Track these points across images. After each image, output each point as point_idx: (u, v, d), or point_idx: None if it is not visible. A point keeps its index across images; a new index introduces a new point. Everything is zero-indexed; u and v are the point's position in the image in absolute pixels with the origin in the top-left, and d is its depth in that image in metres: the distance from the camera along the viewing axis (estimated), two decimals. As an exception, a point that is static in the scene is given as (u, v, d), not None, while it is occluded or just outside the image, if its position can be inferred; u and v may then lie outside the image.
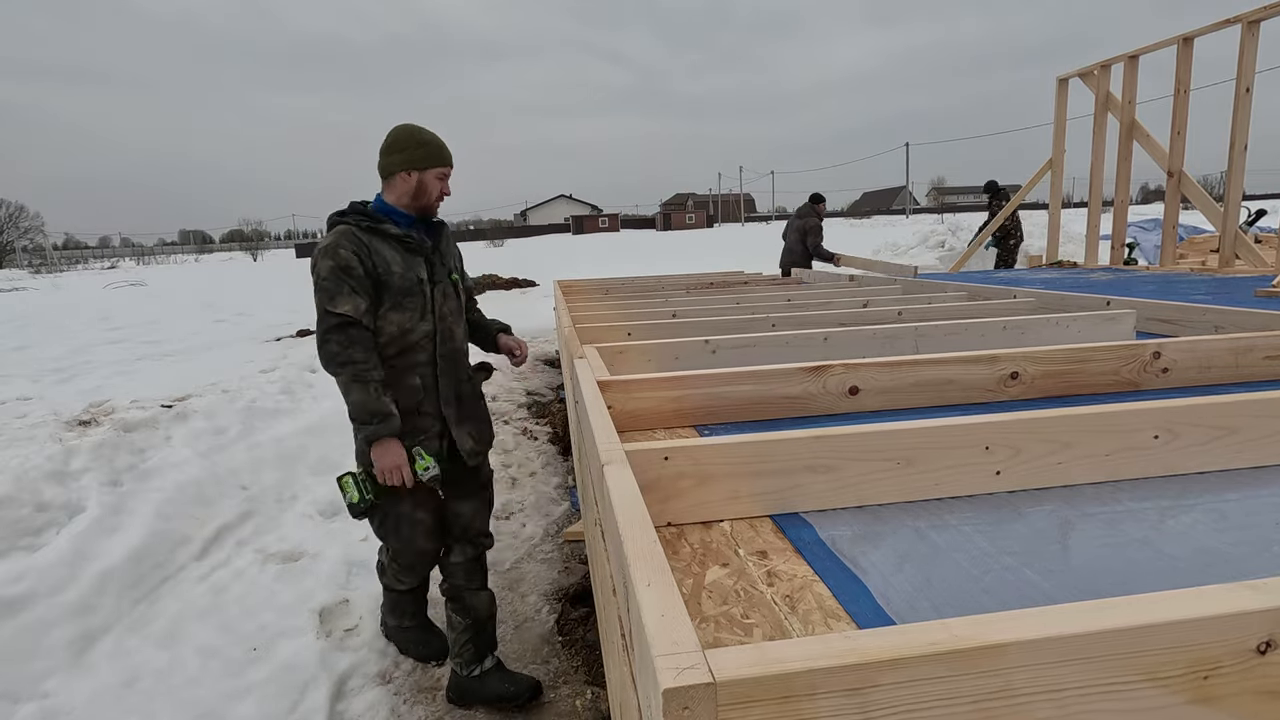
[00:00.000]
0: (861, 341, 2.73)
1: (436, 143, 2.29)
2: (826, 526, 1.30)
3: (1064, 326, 2.83)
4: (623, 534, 0.97)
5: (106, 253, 78.80)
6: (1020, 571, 1.10)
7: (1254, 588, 0.77)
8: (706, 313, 4.01)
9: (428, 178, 2.25)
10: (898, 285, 5.20)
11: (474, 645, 2.41)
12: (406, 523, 2.35)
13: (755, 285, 6.14)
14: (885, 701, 0.68)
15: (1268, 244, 7.84)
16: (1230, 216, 6.31)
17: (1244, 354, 2.23)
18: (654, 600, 0.79)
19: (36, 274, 37.95)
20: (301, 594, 2.93)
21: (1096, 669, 0.71)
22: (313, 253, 2.17)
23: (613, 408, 1.87)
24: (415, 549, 2.40)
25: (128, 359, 7.49)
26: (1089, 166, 7.71)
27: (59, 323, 11.69)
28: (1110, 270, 6.81)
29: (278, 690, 2.40)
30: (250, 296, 16.02)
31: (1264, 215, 10.11)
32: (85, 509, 3.29)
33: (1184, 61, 6.49)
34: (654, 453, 1.32)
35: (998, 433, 1.40)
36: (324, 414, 5.04)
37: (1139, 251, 10.38)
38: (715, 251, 23.50)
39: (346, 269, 2.11)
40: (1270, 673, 0.74)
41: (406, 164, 2.23)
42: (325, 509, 3.79)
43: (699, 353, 2.65)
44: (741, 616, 1.00)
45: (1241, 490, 1.38)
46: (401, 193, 2.25)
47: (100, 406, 4.80)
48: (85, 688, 2.40)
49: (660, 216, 79.49)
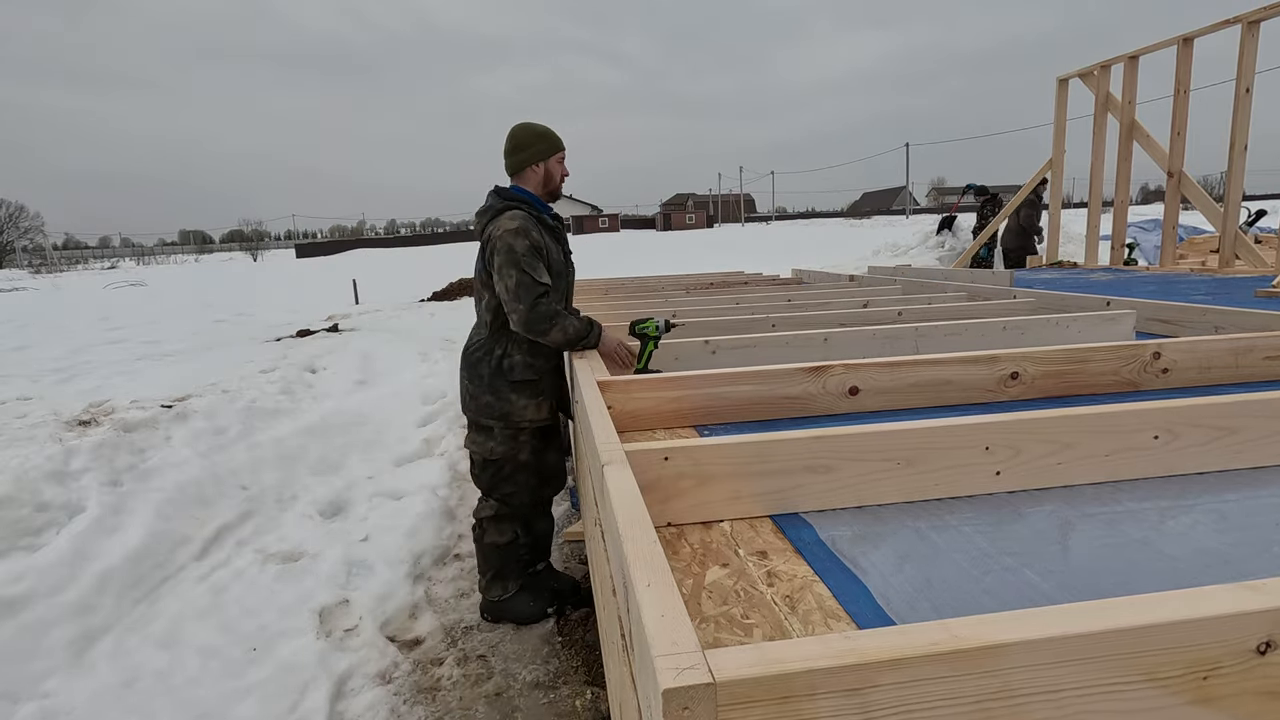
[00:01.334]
0: (862, 342, 2.73)
1: (550, 133, 2.62)
2: (826, 527, 1.30)
3: (1064, 327, 2.83)
4: (623, 534, 0.97)
5: (106, 253, 78.82)
6: (1020, 572, 1.10)
7: (1254, 588, 0.77)
8: (706, 313, 4.01)
9: (551, 164, 2.60)
10: (898, 285, 5.20)
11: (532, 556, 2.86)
12: (526, 470, 2.72)
13: (755, 285, 6.14)
14: (885, 702, 0.68)
15: (1268, 244, 7.83)
16: (1230, 217, 6.31)
17: (1244, 354, 2.23)
18: (654, 600, 0.79)
19: (36, 274, 37.95)
20: (301, 594, 2.93)
21: (1096, 669, 0.71)
22: (498, 228, 2.44)
23: (613, 408, 1.87)
24: (531, 492, 2.76)
25: (128, 359, 7.48)
26: (1089, 167, 7.70)
27: (59, 323, 11.69)
28: (1110, 270, 6.81)
29: (277, 690, 2.39)
30: (250, 296, 16.02)
31: (1264, 215, 10.09)
32: (85, 509, 3.29)
33: (1184, 62, 6.49)
34: (654, 453, 1.32)
35: (998, 433, 1.40)
36: (324, 414, 5.04)
37: (1139, 252, 10.37)
38: (715, 252, 23.50)
39: (538, 249, 2.45)
40: (1270, 673, 0.74)
41: (534, 158, 2.56)
42: (325, 509, 3.79)
43: (699, 353, 2.65)
44: (741, 617, 1.00)
45: (1241, 491, 1.38)
46: (535, 183, 2.59)
47: (100, 406, 4.80)
48: (85, 688, 2.40)
49: (660, 217, 79.48)
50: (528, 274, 2.41)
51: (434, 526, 3.57)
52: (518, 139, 2.59)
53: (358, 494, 3.98)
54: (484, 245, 2.56)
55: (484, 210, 2.59)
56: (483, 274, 2.57)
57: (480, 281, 2.59)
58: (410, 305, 12.41)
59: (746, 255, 18.44)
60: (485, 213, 2.57)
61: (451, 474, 4.24)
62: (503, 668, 2.58)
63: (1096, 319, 2.86)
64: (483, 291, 2.60)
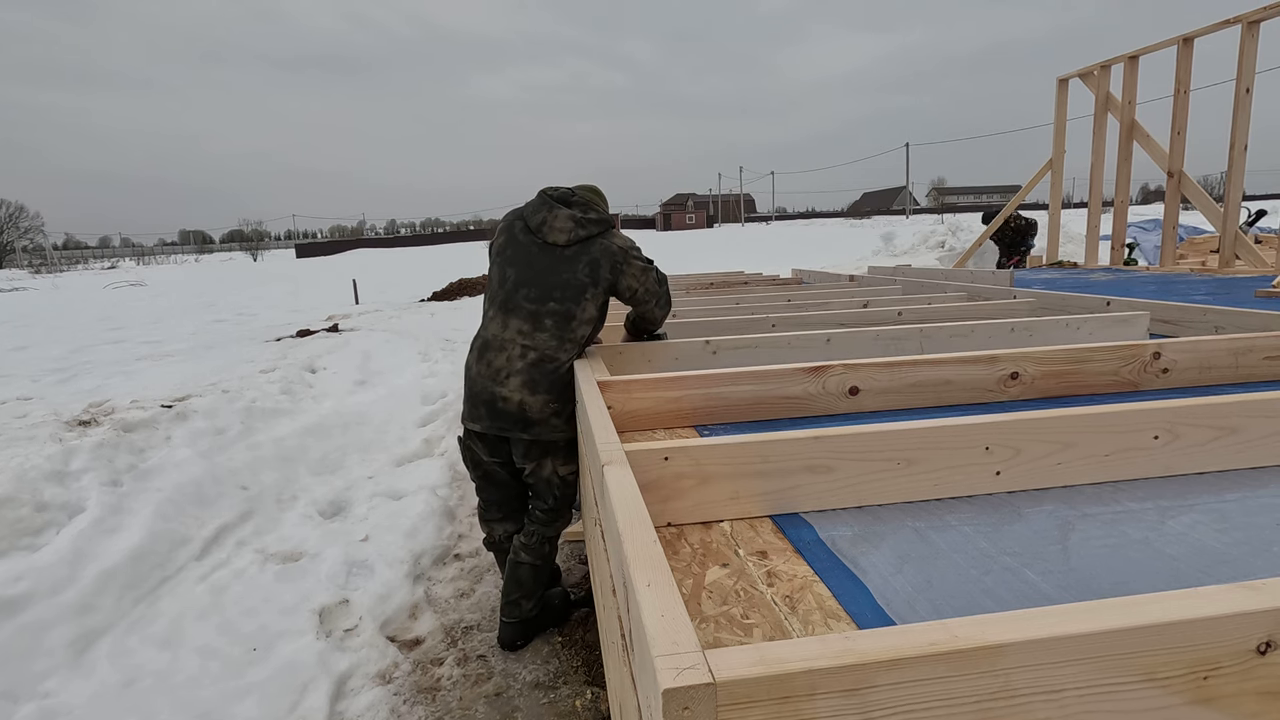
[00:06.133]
0: (864, 342, 2.73)
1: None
2: (826, 527, 1.30)
3: (1074, 328, 2.81)
4: (623, 534, 0.97)
5: (106, 253, 78.82)
6: (1020, 572, 1.10)
7: (1254, 588, 0.77)
8: (707, 313, 4.01)
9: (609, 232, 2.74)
10: (898, 285, 5.20)
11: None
12: None
13: (755, 285, 6.14)
14: (885, 702, 0.68)
15: (1268, 244, 7.84)
16: (1230, 217, 6.31)
17: (1244, 354, 2.23)
18: (654, 600, 0.79)
19: (36, 274, 37.96)
20: (301, 594, 2.93)
21: (1096, 669, 0.71)
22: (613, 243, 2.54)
23: (612, 408, 1.87)
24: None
25: (128, 359, 7.48)
26: (1089, 167, 7.71)
27: (59, 323, 11.69)
28: (1110, 271, 6.81)
29: (278, 690, 2.40)
30: (250, 296, 16.02)
31: (1264, 215, 10.09)
32: (85, 509, 3.29)
33: (1184, 62, 6.49)
34: (654, 453, 1.32)
35: (998, 433, 1.40)
36: (324, 414, 5.05)
37: (1139, 252, 10.37)
38: (715, 252, 23.50)
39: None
40: (1270, 673, 0.74)
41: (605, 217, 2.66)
42: (325, 509, 3.79)
43: (699, 353, 2.65)
44: (741, 617, 1.00)
45: (1241, 491, 1.38)
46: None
47: (100, 406, 4.80)
48: (85, 688, 2.40)
49: (660, 217, 79.45)
50: (651, 271, 2.62)
51: (434, 526, 3.57)
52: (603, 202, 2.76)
53: (358, 494, 3.98)
54: (599, 259, 2.47)
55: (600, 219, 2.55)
56: (601, 281, 2.47)
57: (586, 288, 2.45)
58: (410, 305, 12.42)
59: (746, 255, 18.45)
60: (601, 223, 2.54)
61: (452, 474, 4.24)
62: (503, 667, 2.58)
63: (1110, 320, 2.84)
64: (588, 303, 2.46)
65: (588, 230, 2.52)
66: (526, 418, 2.39)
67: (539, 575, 2.65)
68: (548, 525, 2.61)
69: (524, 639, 2.68)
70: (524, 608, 2.65)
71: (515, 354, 2.39)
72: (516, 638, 2.67)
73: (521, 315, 2.41)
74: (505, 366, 2.40)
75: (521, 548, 2.61)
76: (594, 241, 2.52)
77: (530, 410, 2.38)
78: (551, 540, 2.66)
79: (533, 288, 2.42)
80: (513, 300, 2.43)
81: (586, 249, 2.50)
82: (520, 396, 2.38)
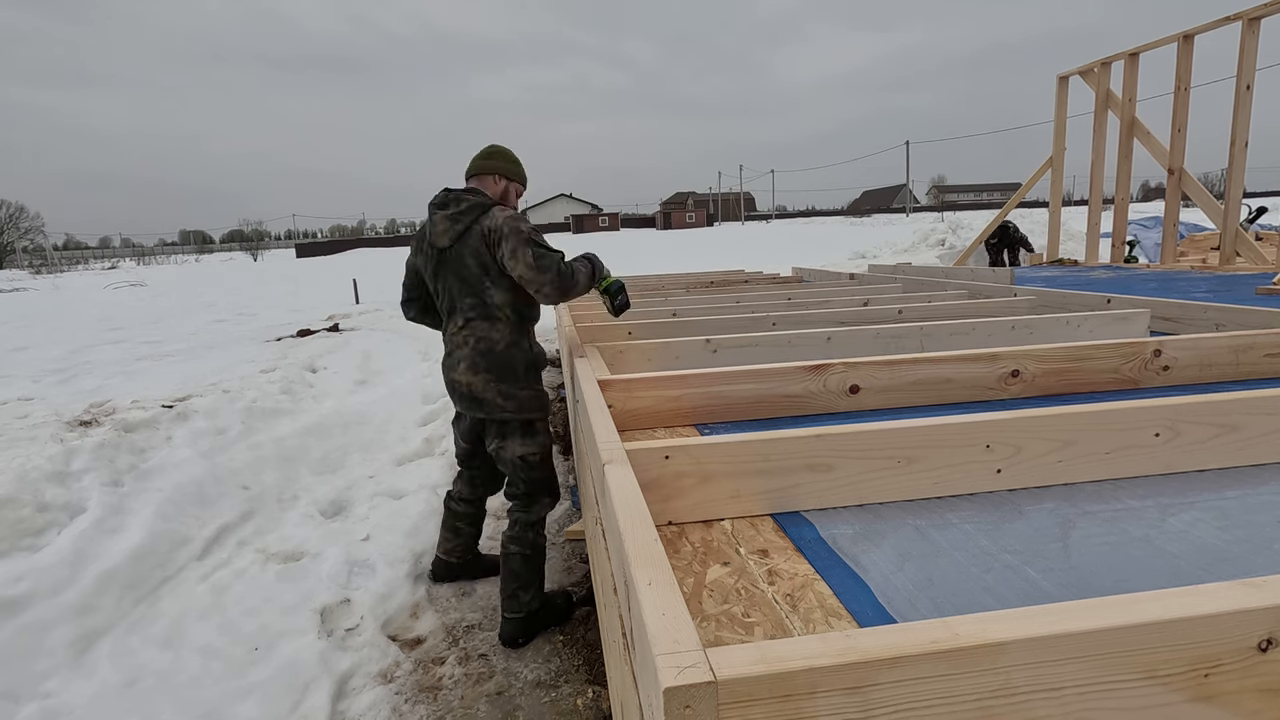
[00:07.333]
0: (864, 341, 2.73)
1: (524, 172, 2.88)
2: (827, 525, 1.30)
3: (1074, 326, 2.81)
4: (623, 533, 0.97)
5: (107, 253, 78.82)
6: (1021, 570, 1.10)
7: (1254, 585, 0.77)
8: (707, 312, 4.01)
9: (513, 188, 2.81)
10: (898, 284, 5.20)
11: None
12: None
13: (755, 284, 6.14)
14: (885, 700, 0.68)
15: (1268, 241, 7.83)
16: (1231, 214, 6.30)
17: (1244, 352, 2.23)
18: (655, 599, 0.79)
19: (37, 274, 37.96)
20: (303, 594, 2.93)
21: (1097, 667, 0.71)
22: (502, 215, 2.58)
23: (613, 407, 1.87)
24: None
25: (128, 359, 7.49)
26: (1089, 164, 7.70)
27: (60, 323, 11.70)
28: (1111, 268, 6.80)
29: (279, 690, 2.40)
30: (250, 296, 16.03)
31: (1265, 212, 10.09)
32: (86, 509, 3.29)
33: (1184, 59, 6.48)
34: (654, 451, 1.32)
35: (998, 431, 1.40)
36: (325, 414, 5.05)
37: (1140, 249, 10.37)
38: (716, 250, 23.49)
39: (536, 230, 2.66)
40: (1271, 670, 0.74)
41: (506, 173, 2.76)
42: (326, 509, 3.79)
43: (699, 352, 2.65)
44: (742, 615, 1.00)
45: (1242, 488, 1.38)
46: (493, 194, 2.74)
47: (101, 407, 4.81)
48: (87, 688, 2.40)
49: (660, 215, 79.40)
50: (541, 246, 2.56)
51: (435, 526, 3.57)
52: (504, 154, 2.79)
53: (359, 493, 3.98)
54: (478, 248, 2.56)
55: (471, 207, 2.60)
56: (491, 267, 2.57)
57: (482, 277, 2.58)
58: (410, 305, 12.39)
59: (747, 253, 18.45)
60: (472, 209, 2.60)
61: (453, 473, 4.24)
62: (504, 666, 2.59)
63: (1110, 317, 2.85)
64: (490, 288, 2.59)
65: (462, 223, 2.64)
66: (474, 397, 2.66)
67: (531, 564, 2.72)
68: (526, 510, 2.76)
69: (525, 636, 2.69)
70: (523, 600, 2.69)
71: (461, 342, 2.67)
72: (518, 634, 2.67)
73: (458, 313, 2.67)
74: (456, 353, 2.69)
75: (508, 539, 2.73)
76: (471, 231, 2.63)
77: (475, 389, 2.65)
78: (534, 526, 2.75)
79: (451, 290, 2.67)
80: (447, 303, 2.71)
81: (466, 242, 2.64)
82: (467, 379, 2.66)
